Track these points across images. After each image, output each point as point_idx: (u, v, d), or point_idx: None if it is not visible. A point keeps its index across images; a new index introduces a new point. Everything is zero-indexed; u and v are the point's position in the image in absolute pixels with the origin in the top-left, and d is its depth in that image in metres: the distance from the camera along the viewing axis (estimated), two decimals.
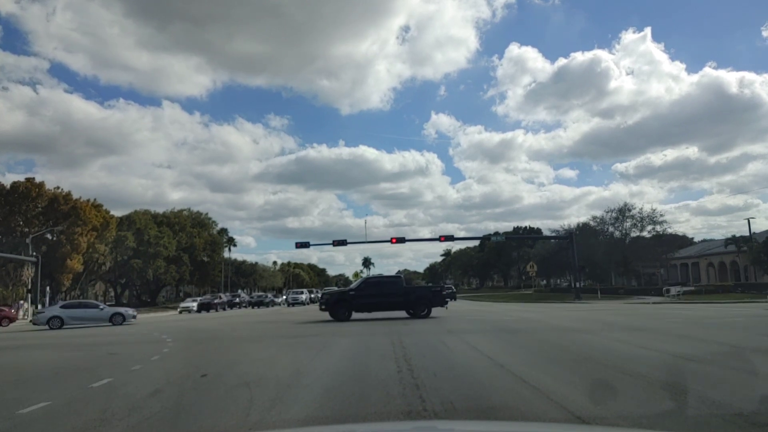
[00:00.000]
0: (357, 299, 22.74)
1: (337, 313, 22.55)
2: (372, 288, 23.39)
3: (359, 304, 22.73)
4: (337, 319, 22.01)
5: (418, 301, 23.34)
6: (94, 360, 12.53)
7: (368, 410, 6.23)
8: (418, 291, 24.98)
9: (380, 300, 22.74)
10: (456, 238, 68.94)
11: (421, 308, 22.98)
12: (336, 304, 22.91)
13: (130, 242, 63.32)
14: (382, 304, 22.83)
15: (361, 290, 23.23)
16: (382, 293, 22.88)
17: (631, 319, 20.83)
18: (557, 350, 11.54)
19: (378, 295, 22.73)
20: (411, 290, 24.65)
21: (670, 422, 5.50)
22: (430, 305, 23.39)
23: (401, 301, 23.19)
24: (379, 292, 22.95)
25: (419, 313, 22.80)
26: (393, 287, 23.70)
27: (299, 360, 10.89)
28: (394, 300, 23.02)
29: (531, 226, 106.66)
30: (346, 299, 23.09)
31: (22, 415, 6.59)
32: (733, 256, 63.31)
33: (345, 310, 22.53)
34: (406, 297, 23.35)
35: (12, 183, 52.34)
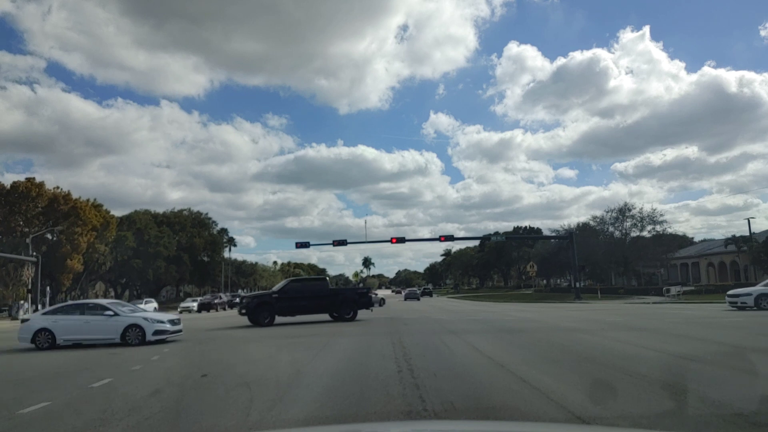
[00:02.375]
0: (280, 302, 21.40)
1: (258, 318, 21.17)
2: (296, 290, 22.10)
3: (282, 308, 21.48)
4: (257, 325, 20.61)
5: (343, 303, 22.38)
6: (94, 360, 12.54)
7: (368, 410, 6.24)
8: (343, 293, 23.56)
9: (305, 303, 21.74)
10: (456, 238, 68.92)
11: (346, 311, 22.17)
12: (258, 309, 21.34)
13: (130, 242, 63.33)
14: (306, 307, 21.86)
15: (285, 293, 21.73)
16: (306, 296, 21.88)
17: (631, 319, 20.82)
18: (557, 350, 11.54)
19: (302, 298, 21.70)
20: (336, 293, 23.30)
21: (670, 422, 5.51)
22: (356, 308, 22.55)
23: (326, 303, 22.24)
24: (303, 294, 21.89)
25: (344, 316, 22.03)
26: (318, 289, 22.64)
27: (299, 360, 10.90)
28: (319, 303, 22.09)
29: (531, 226, 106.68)
30: (268, 302, 21.53)
31: (22, 415, 6.59)
32: (733, 256, 63.28)
33: (267, 315, 21.21)
34: (332, 299, 22.33)
35: (12, 183, 52.33)
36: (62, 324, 16.22)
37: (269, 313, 21.17)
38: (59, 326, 16.17)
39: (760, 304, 23.40)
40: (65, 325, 16.23)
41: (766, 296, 23.55)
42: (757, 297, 23.72)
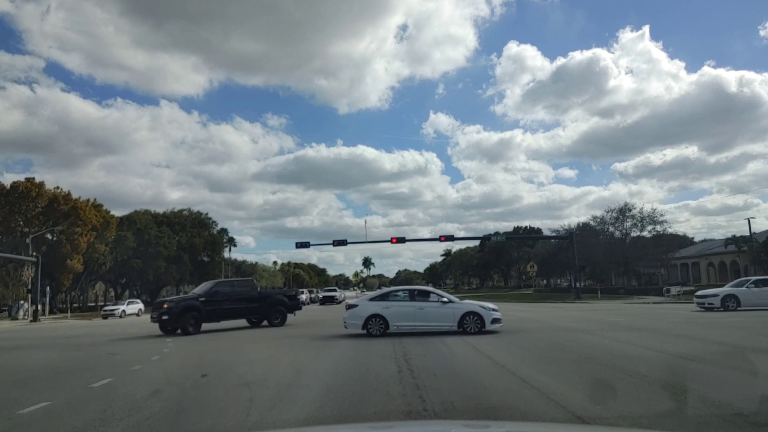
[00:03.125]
0: (207, 307, 19.38)
1: (183, 325, 18.72)
2: (224, 294, 20.27)
3: (210, 313, 19.46)
4: (185, 333, 18.43)
5: (272, 308, 21.13)
6: (94, 360, 12.54)
7: (368, 410, 6.24)
8: (272, 297, 21.88)
9: (233, 307, 20.11)
10: (456, 238, 68.92)
11: (275, 316, 21.05)
12: (183, 314, 18.80)
13: (130, 242, 63.35)
14: (235, 311, 20.28)
15: (212, 296, 19.78)
16: (234, 299, 20.30)
17: (631, 319, 20.83)
18: (557, 350, 11.54)
19: (231, 302, 20.10)
20: (265, 296, 21.64)
21: (670, 422, 5.51)
22: (285, 312, 21.50)
23: (255, 307, 20.89)
24: (231, 298, 20.27)
25: (273, 321, 20.93)
26: (246, 293, 21.04)
27: (299, 360, 10.90)
28: (248, 307, 20.70)
29: (531, 226, 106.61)
30: (195, 307, 19.20)
31: (22, 415, 6.59)
32: (733, 256, 63.31)
33: (194, 321, 18.95)
34: (261, 303, 20.99)
35: (12, 183, 52.36)
36: (394, 310, 15.59)
37: (196, 320, 19.01)
38: (391, 312, 15.53)
39: (726, 305, 23.63)
40: (398, 311, 15.57)
41: (731, 297, 23.84)
42: (723, 298, 23.98)
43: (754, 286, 24.48)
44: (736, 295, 23.92)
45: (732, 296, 23.87)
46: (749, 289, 24.31)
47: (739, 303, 23.57)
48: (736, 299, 23.70)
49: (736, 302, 23.58)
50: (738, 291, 24.38)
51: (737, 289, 24.64)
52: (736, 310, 23.16)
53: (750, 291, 24.15)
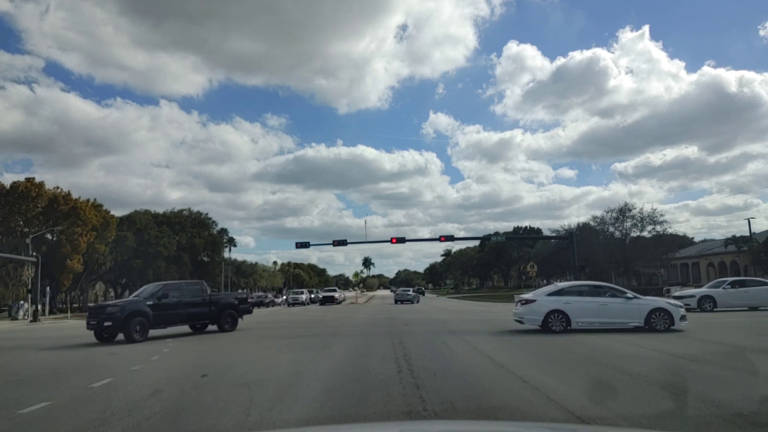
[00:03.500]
0: (156, 311, 17.57)
1: (129, 332, 16.51)
2: (173, 297, 18.52)
3: (158, 318, 17.66)
4: (130, 341, 16.34)
5: (223, 312, 19.76)
6: (94, 360, 12.53)
7: (368, 410, 6.24)
8: (223, 300, 20.43)
9: (183, 312, 18.54)
10: (456, 238, 68.79)
11: (225, 320, 19.73)
12: (129, 320, 16.69)
13: (130, 242, 63.36)
14: (184, 316, 18.73)
15: (160, 299, 18.01)
16: (184, 303, 18.69)
17: None
18: (557, 350, 11.54)
19: (180, 305, 18.49)
20: (216, 300, 20.07)
21: (670, 422, 5.51)
22: (236, 316, 20.35)
23: (205, 312, 19.33)
24: (181, 301, 18.63)
25: (224, 325, 19.61)
26: (196, 295, 19.40)
27: (299, 360, 10.90)
28: (197, 311, 19.15)
29: (531, 226, 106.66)
30: (142, 312, 17.22)
31: (22, 415, 6.59)
32: (733, 256, 63.31)
33: (141, 328, 16.91)
34: (211, 307, 19.52)
35: (12, 183, 52.32)
36: (577, 306, 15.12)
37: (143, 326, 16.97)
38: (573, 308, 15.06)
39: (702, 306, 23.70)
40: (580, 307, 15.09)
41: (708, 298, 23.93)
42: (700, 299, 24.07)
43: (730, 287, 24.67)
44: (712, 296, 24.03)
45: (708, 297, 23.97)
46: (725, 290, 24.48)
47: (715, 304, 23.69)
48: (712, 300, 23.81)
49: (712, 303, 23.69)
50: (714, 292, 24.50)
51: (714, 290, 24.77)
52: (713, 311, 23.26)
53: (726, 292, 24.31)
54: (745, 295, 23.97)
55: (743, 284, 25.10)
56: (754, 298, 23.87)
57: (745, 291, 24.17)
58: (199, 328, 19.92)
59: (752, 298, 23.88)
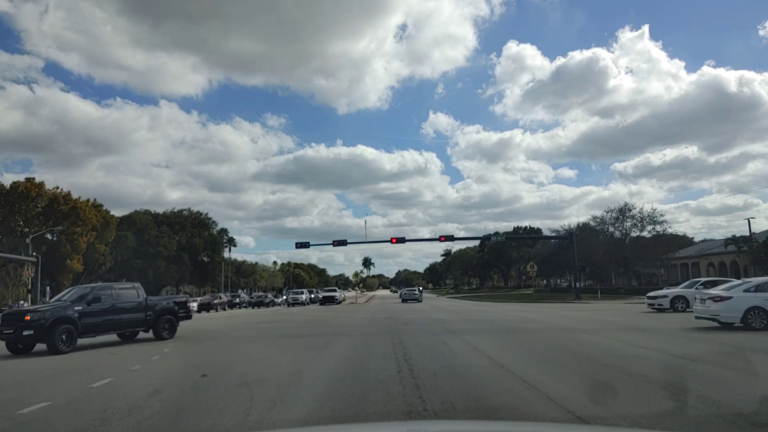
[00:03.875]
0: (85, 318, 15.47)
1: (54, 342, 14.42)
2: (104, 302, 16.22)
3: (88, 326, 15.55)
4: (54, 352, 14.24)
5: (160, 318, 17.64)
6: (94, 360, 12.54)
7: (368, 410, 6.24)
8: (160, 305, 18.26)
9: (115, 318, 16.39)
10: (456, 238, 68.89)
11: (163, 326, 17.61)
12: (55, 328, 14.65)
13: (130, 242, 63.40)
14: (117, 323, 16.53)
15: (89, 305, 15.78)
16: (117, 308, 16.53)
17: (631, 319, 20.83)
18: (557, 350, 11.54)
19: (112, 312, 16.35)
20: (152, 304, 17.88)
21: (670, 422, 5.51)
22: (175, 322, 18.21)
23: (141, 318, 17.11)
24: (113, 306, 16.44)
25: (161, 333, 17.44)
26: (130, 300, 17.15)
27: (299, 360, 10.90)
28: (132, 317, 16.93)
29: (531, 226, 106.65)
30: (69, 319, 15.11)
31: (22, 415, 6.59)
32: (733, 256, 63.31)
33: (67, 336, 14.83)
34: (147, 313, 17.36)
35: (12, 183, 52.38)
36: None
37: (69, 334, 14.91)
38: None
39: (675, 306, 23.79)
40: None
41: (680, 298, 23.99)
42: (673, 299, 24.16)
43: (702, 287, 24.59)
44: (685, 297, 24.06)
45: (681, 297, 24.04)
46: (699, 290, 24.46)
47: (688, 304, 23.62)
48: (685, 300, 23.83)
49: (685, 303, 23.69)
50: (687, 292, 24.54)
51: (687, 291, 24.83)
52: (685, 311, 23.23)
53: (699, 292, 24.17)
54: None
55: (716, 284, 25.16)
56: None
57: None
58: (129, 336, 17.68)
59: None
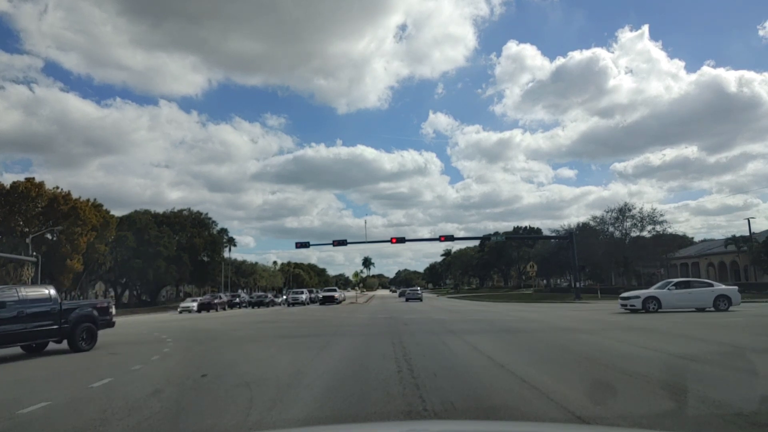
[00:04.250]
0: None
1: None
2: (10, 308, 13.36)
3: None
4: None
5: (77, 326, 14.87)
6: (94, 360, 12.54)
7: (368, 410, 6.24)
8: (77, 311, 15.18)
9: (21, 327, 13.49)
10: (456, 238, 68.95)
11: (81, 335, 14.90)
12: None
13: (130, 242, 63.39)
14: (24, 333, 13.67)
15: None
16: (25, 316, 13.61)
17: (631, 318, 20.82)
18: (557, 350, 11.55)
19: (19, 319, 13.44)
20: (68, 309, 14.92)
21: (670, 422, 5.51)
22: (95, 330, 15.47)
23: (54, 328, 14.31)
24: (20, 313, 13.52)
25: (79, 343, 14.71)
26: (41, 305, 14.23)
27: (299, 360, 10.90)
28: (43, 326, 14.04)
29: (531, 226, 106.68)
30: None
31: (22, 415, 6.59)
32: (733, 255, 63.33)
33: None
34: (62, 320, 14.52)
35: (12, 183, 52.34)
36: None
37: None
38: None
39: (647, 306, 23.87)
40: None
41: (653, 299, 24.06)
42: (644, 300, 24.22)
43: (675, 288, 24.95)
44: (657, 297, 24.21)
45: (653, 298, 24.15)
46: (670, 291, 24.73)
47: (660, 305, 23.86)
48: (657, 301, 23.98)
49: (657, 304, 23.85)
50: (659, 293, 24.73)
51: (659, 291, 25.01)
52: (657, 311, 23.40)
53: (671, 293, 24.52)
54: (689, 296, 24.30)
55: (688, 285, 25.47)
56: (698, 299, 24.20)
57: (689, 292, 24.49)
58: (36, 349, 15.02)
59: (696, 299, 24.20)
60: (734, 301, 23.93)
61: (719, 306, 23.50)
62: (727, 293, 24.26)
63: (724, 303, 23.60)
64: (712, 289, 24.61)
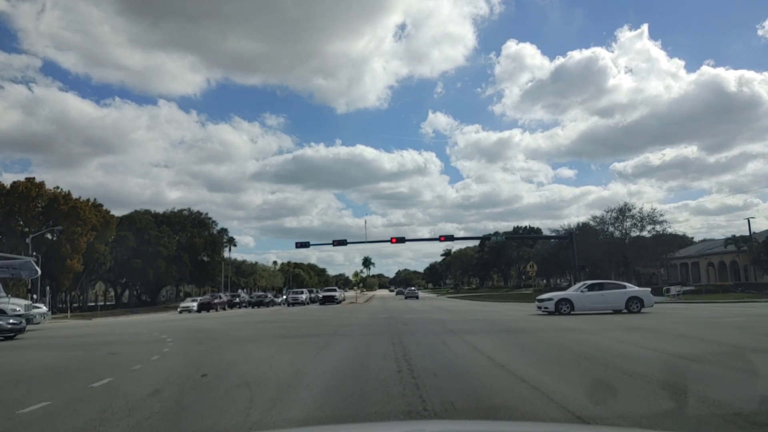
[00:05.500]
0: None
1: None
2: None
3: None
4: None
5: None
6: (94, 360, 12.53)
7: (368, 410, 6.24)
8: None
9: None
10: (456, 237, 68.95)
11: None
12: None
13: (131, 242, 63.39)
14: None
15: None
16: None
17: (631, 318, 20.83)
18: (557, 350, 11.55)
19: None
20: None
21: (670, 422, 5.51)
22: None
23: None
24: None
25: None
26: None
27: (299, 360, 10.89)
28: None
29: (531, 226, 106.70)
30: None
31: (22, 415, 6.59)
32: (733, 255, 63.31)
33: None
34: None
35: (12, 183, 52.40)
36: None
37: None
38: None
39: (559, 308, 24.11)
40: None
41: (565, 301, 24.30)
42: (557, 302, 24.50)
43: (587, 290, 25.18)
44: (569, 299, 24.43)
45: (565, 300, 24.36)
46: (583, 293, 24.94)
47: (572, 307, 24.06)
48: (569, 303, 24.18)
49: (569, 306, 24.05)
50: (572, 295, 24.95)
51: (571, 293, 25.28)
52: (570, 313, 23.52)
53: (583, 295, 24.71)
54: (601, 298, 24.45)
55: (601, 287, 25.65)
56: (611, 300, 24.35)
57: (601, 294, 24.64)
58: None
59: (608, 301, 24.36)
60: (647, 302, 24.13)
61: (631, 308, 23.70)
62: (639, 295, 24.49)
63: (637, 305, 23.80)
64: (624, 290, 24.85)
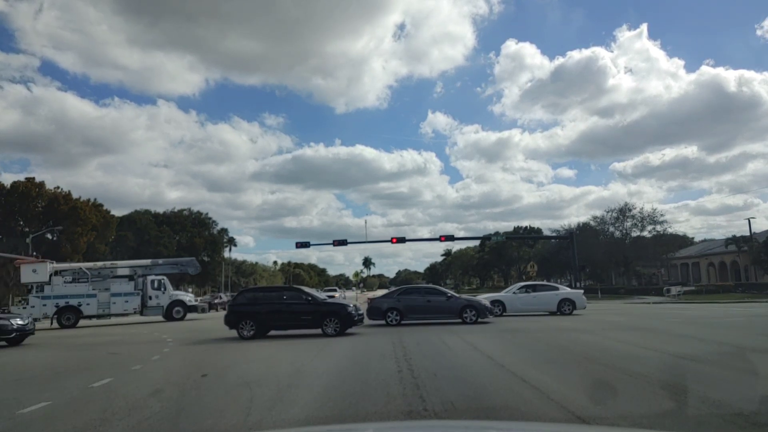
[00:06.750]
0: None
1: None
2: None
3: None
4: None
5: None
6: (94, 360, 12.53)
7: (369, 410, 6.24)
8: None
9: None
10: (456, 238, 68.86)
11: None
12: None
13: (131, 242, 63.41)
14: None
15: None
16: None
17: (631, 318, 20.83)
18: (557, 350, 11.55)
19: None
20: None
21: (670, 422, 5.51)
22: None
23: None
24: None
25: None
26: None
27: (299, 360, 10.90)
28: None
29: (531, 226, 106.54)
30: None
31: (22, 415, 6.59)
32: (733, 256, 63.30)
33: None
34: None
35: (12, 183, 52.45)
36: None
37: None
38: None
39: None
40: None
41: (497, 303, 24.21)
42: (490, 303, 24.10)
43: (520, 292, 25.30)
44: (502, 301, 24.51)
45: (498, 302, 24.37)
46: (515, 295, 25.03)
47: (504, 308, 24.14)
48: (502, 305, 24.24)
49: (501, 308, 24.09)
50: (504, 297, 25.05)
51: (503, 295, 25.40)
52: (502, 315, 23.54)
53: (516, 297, 24.79)
54: (533, 300, 24.51)
55: (534, 289, 25.71)
56: (542, 302, 24.42)
57: (533, 296, 24.68)
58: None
59: (539, 303, 24.43)
60: (578, 305, 24.16)
61: (563, 310, 23.78)
62: (571, 297, 24.53)
63: (568, 307, 23.87)
64: (556, 293, 24.94)
